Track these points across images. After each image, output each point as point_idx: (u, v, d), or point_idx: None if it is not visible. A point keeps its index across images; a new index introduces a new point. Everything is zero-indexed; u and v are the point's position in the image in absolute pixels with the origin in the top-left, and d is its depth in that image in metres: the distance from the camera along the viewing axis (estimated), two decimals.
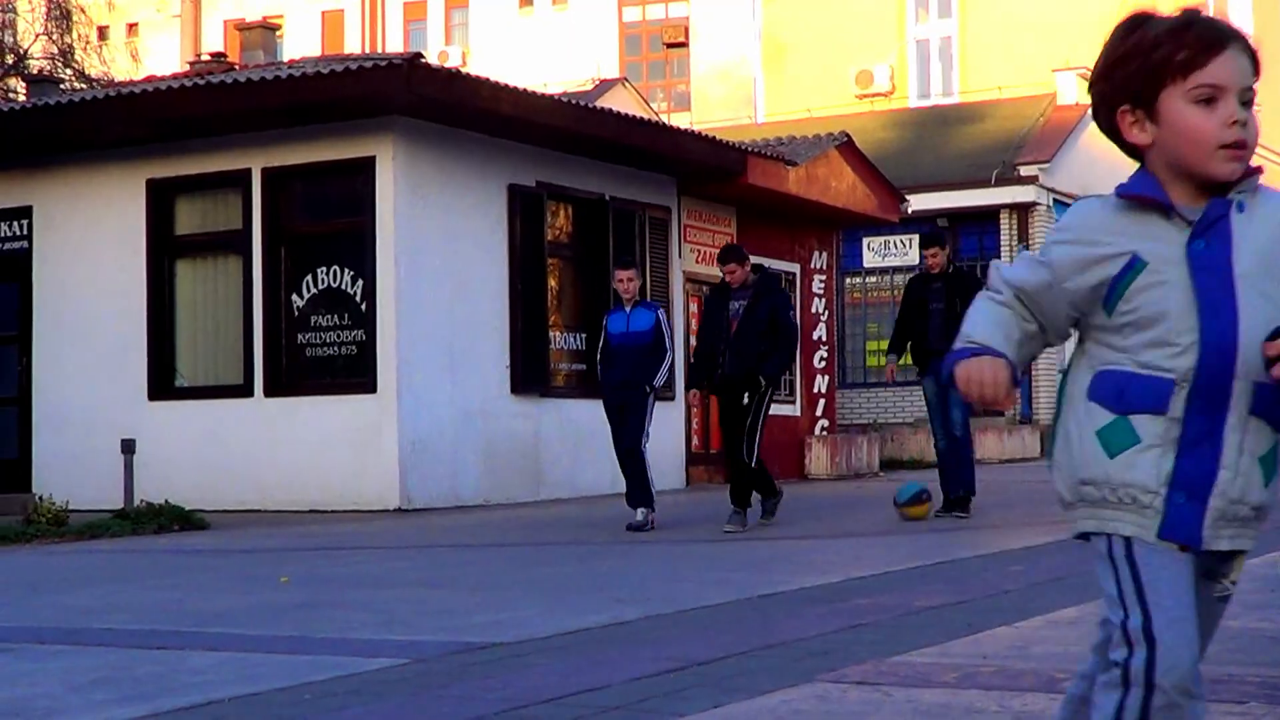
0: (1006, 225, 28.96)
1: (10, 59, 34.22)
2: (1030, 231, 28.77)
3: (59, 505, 14.59)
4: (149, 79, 20.95)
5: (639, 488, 13.31)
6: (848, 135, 23.55)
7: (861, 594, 8.04)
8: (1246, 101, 2.97)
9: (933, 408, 13.90)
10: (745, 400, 12.87)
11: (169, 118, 17.31)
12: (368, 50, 42.41)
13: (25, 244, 18.78)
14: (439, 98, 16.42)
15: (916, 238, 29.20)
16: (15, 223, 18.87)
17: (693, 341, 21.31)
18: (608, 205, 19.44)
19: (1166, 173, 2.98)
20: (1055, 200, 29.07)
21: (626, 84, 33.48)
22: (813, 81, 37.04)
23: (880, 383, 29.54)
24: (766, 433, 13.14)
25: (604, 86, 32.11)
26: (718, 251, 13.73)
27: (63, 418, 18.28)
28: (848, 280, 29.64)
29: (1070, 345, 3.14)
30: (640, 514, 13.15)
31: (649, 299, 13.25)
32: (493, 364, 17.68)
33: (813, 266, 23.96)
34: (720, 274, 13.43)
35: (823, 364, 24.03)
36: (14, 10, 34.96)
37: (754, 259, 13.80)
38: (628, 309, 13.60)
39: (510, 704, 5.14)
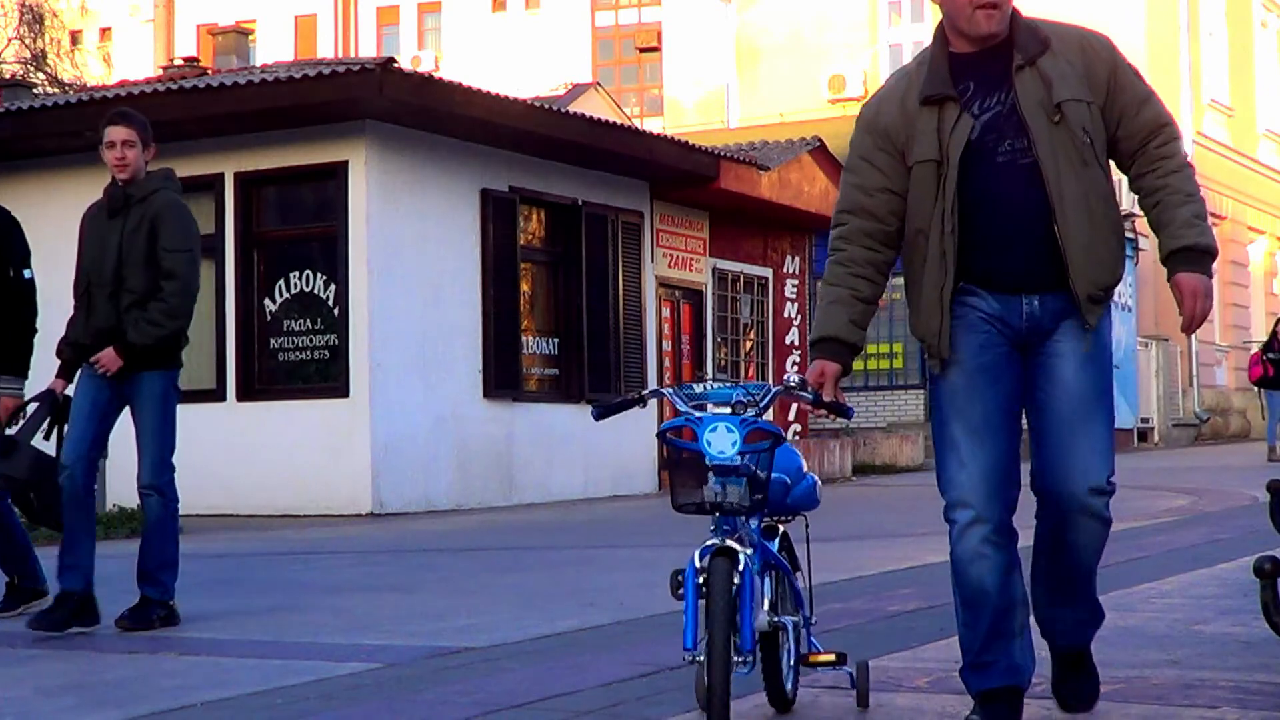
0: None
1: None
2: None
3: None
4: (122, 83, 20.90)
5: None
6: (820, 140, 23.60)
7: (833, 598, 8.05)
8: None
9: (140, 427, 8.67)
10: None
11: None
12: (340, 55, 42.32)
13: None
14: (411, 102, 16.41)
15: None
16: None
17: (666, 346, 21.38)
18: (580, 210, 19.43)
19: None
20: None
21: (599, 89, 33.39)
22: (785, 86, 37.06)
23: (852, 387, 29.59)
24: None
25: (576, 91, 32.03)
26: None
27: None
28: (820, 284, 29.65)
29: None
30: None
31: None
32: (465, 368, 17.65)
33: (785, 271, 24.00)
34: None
35: (795, 368, 24.04)
36: None
37: None
38: None
39: (483, 708, 5.14)
